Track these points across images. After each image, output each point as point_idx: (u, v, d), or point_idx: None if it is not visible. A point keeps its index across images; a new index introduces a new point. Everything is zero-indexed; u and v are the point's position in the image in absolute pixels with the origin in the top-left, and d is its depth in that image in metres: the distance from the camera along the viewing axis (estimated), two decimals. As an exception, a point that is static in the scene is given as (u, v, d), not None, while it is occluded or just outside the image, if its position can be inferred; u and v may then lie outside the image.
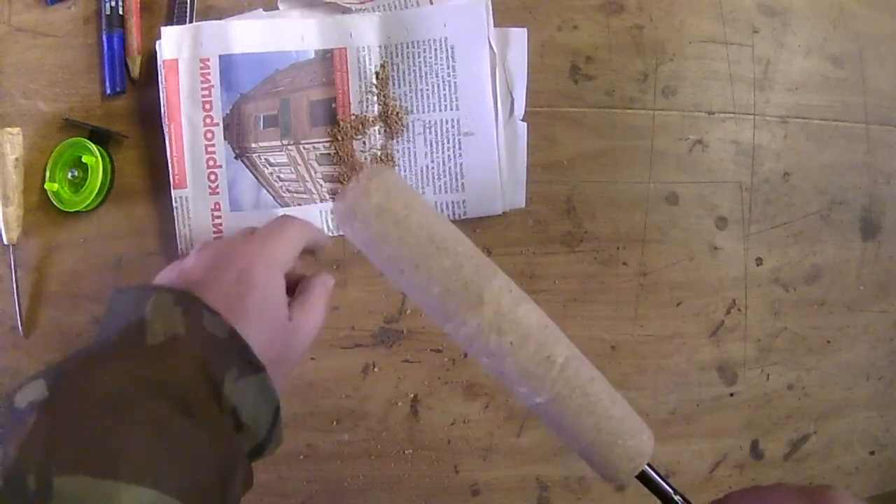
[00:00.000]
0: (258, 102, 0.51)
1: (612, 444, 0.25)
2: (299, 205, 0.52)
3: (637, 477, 0.26)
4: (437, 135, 0.52)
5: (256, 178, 0.51)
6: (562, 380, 0.23)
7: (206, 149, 0.50)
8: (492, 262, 0.23)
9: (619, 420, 0.25)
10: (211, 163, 0.50)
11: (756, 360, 0.55)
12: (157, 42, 0.50)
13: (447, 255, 0.22)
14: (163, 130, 0.50)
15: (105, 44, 0.50)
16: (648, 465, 0.26)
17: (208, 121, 0.50)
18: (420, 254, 0.21)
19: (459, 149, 0.52)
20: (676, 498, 0.26)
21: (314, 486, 0.51)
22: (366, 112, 0.51)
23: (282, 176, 0.51)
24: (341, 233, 0.23)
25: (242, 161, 0.51)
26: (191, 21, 0.51)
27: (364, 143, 0.52)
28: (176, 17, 0.51)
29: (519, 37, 0.52)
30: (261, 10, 0.51)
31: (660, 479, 0.26)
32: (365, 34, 0.51)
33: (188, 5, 0.51)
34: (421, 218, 0.22)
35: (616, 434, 0.25)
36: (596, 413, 0.24)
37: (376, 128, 0.52)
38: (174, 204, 0.50)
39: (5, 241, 0.50)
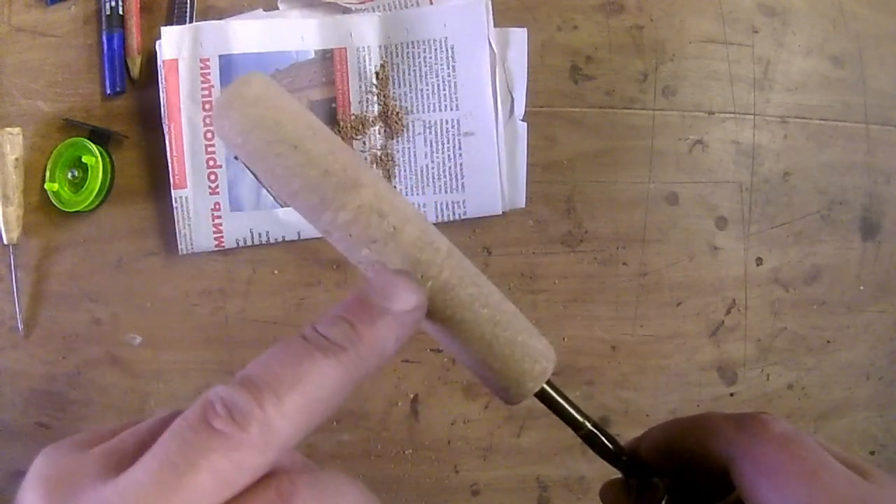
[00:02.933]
0: (258, 102, 0.51)
1: (512, 340, 0.22)
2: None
3: (537, 396, 0.23)
4: (437, 135, 0.52)
5: (256, 178, 0.51)
6: (449, 266, 0.22)
7: (206, 149, 0.50)
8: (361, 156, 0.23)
9: (514, 314, 0.23)
10: (211, 163, 0.50)
11: (756, 360, 0.55)
12: (157, 42, 0.50)
13: (324, 139, 0.21)
14: (163, 130, 0.50)
15: (105, 44, 0.50)
16: (549, 383, 0.23)
17: (208, 121, 0.50)
18: (298, 135, 0.21)
19: (459, 149, 0.52)
20: (588, 424, 0.24)
21: (314, 486, 0.51)
22: (366, 112, 0.51)
23: (282, 176, 0.51)
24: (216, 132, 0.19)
25: (242, 161, 0.51)
26: (191, 21, 0.51)
27: (364, 143, 0.52)
28: (176, 17, 0.51)
29: (519, 37, 0.52)
30: (261, 10, 0.51)
31: (563, 401, 0.24)
32: (365, 34, 0.51)
33: (188, 5, 0.51)
34: (297, 107, 0.21)
35: (515, 330, 0.22)
36: (490, 305, 0.22)
37: (376, 128, 0.52)
38: (174, 204, 0.50)
39: (5, 241, 0.50)
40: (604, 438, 0.24)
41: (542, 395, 0.23)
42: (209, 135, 0.50)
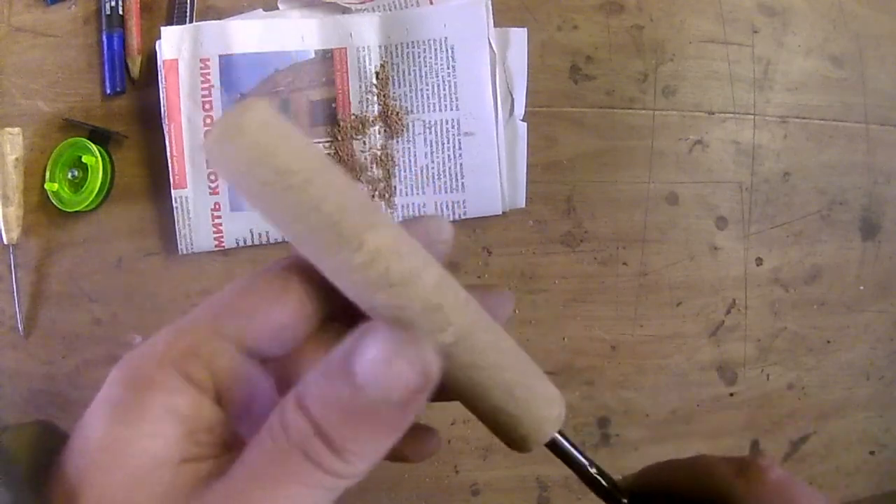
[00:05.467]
0: (258, 102, 0.51)
1: (531, 386, 0.22)
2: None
3: (546, 445, 0.23)
4: (437, 135, 0.52)
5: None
6: (470, 311, 0.21)
7: (206, 149, 0.50)
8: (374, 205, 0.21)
9: (527, 360, 0.22)
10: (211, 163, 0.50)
11: (756, 360, 0.55)
12: (157, 42, 0.50)
13: (333, 175, 0.19)
14: (163, 130, 0.50)
15: (105, 44, 0.50)
16: (559, 432, 0.23)
17: (208, 121, 0.50)
18: (311, 170, 0.19)
19: (459, 149, 0.52)
20: (592, 469, 0.24)
21: (314, 486, 0.51)
22: (366, 112, 0.51)
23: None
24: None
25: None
26: (191, 21, 0.51)
27: (364, 143, 0.52)
28: (176, 17, 0.51)
29: (519, 37, 0.52)
30: (261, 10, 0.51)
31: (570, 447, 0.23)
32: (365, 34, 0.51)
33: (188, 5, 0.51)
34: (301, 139, 0.19)
35: (532, 375, 0.22)
36: (506, 350, 0.21)
37: (376, 128, 0.52)
38: (174, 204, 0.50)
39: (5, 241, 0.50)
40: (605, 483, 0.24)
41: (552, 442, 0.23)
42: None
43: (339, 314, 0.21)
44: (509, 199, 0.52)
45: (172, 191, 0.50)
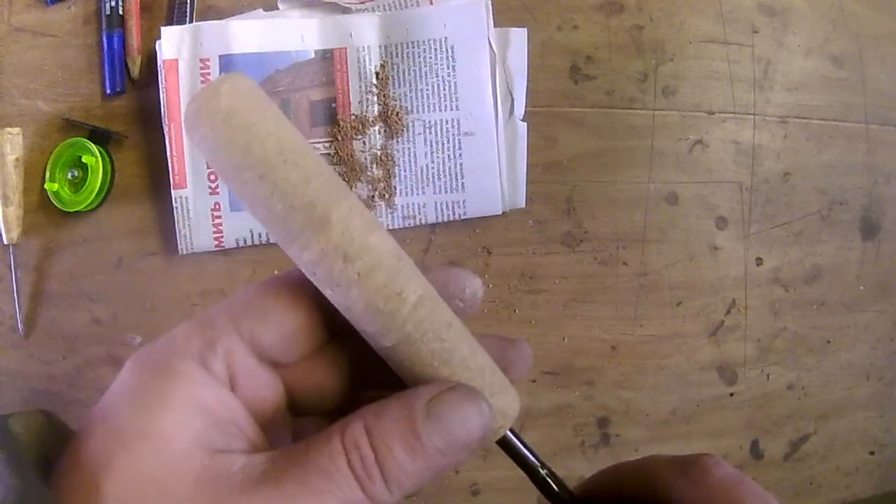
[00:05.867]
0: (258, 102, 0.51)
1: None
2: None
3: (498, 443, 0.23)
4: (437, 135, 0.52)
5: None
6: (413, 320, 0.20)
7: (206, 149, 0.50)
8: (345, 184, 0.21)
9: (478, 372, 0.22)
10: (211, 163, 0.50)
11: (756, 360, 0.55)
12: (157, 42, 0.50)
13: (295, 168, 0.19)
14: (163, 130, 0.50)
15: (105, 44, 0.50)
16: (511, 430, 0.23)
17: (208, 121, 0.50)
18: (265, 164, 0.19)
19: (459, 149, 0.52)
20: (543, 471, 0.24)
21: (314, 486, 0.51)
22: (366, 112, 0.51)
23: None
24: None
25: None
26: (191, 21, 0.51)
27: (364, 143, 0.52)
28: (176, 17, 0.51)
29: (519, 37, 0.52)
30: (261, 10, 0.51)
31: (523, 447, 0.24)
32: (365, 34, 0.51)
33: (188, 5, 0.51)
34: (272, 125, 0.19)
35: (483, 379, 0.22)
36: (451, 363, 0.21)
37: (376, 128, 0.52)
38: (174, 204, 0.50)
39: (5, 241, 0.50)
40: (555, 486, 0.24)
41: (503, 439, 0.23)
42: (209, 135, 0.50)
43: (343, 331, 0.21)
44: (509, 199, 0.52)
45: (172, 191, 0.50)
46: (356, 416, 0.19)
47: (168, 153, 0.50)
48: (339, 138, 0.51)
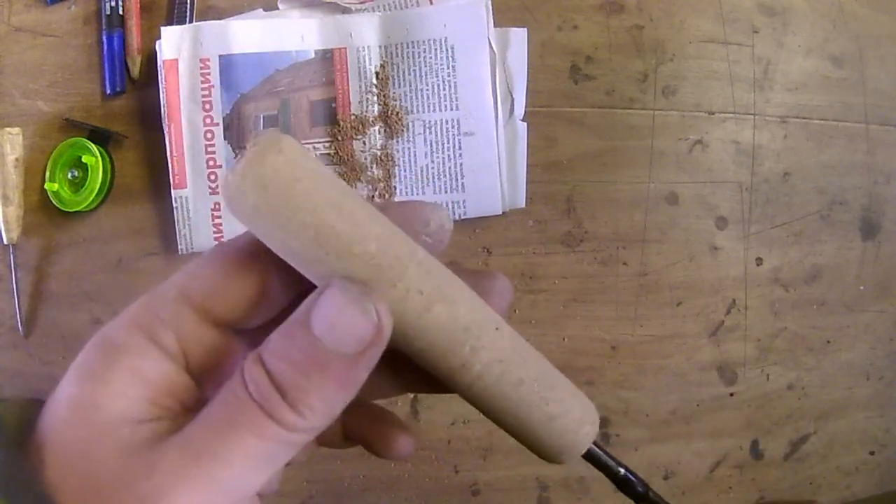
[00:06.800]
0: (258, 102, 0.51)
1: (554, 416, 0.22)
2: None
3: (583, 456, 0.23)
4: (437, 135, 0.52)
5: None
6: (478, 387, 0.21)
7: (206, 149, 0.50)
8: (404, 245, 0.20)
9: (554, 387, 0.22)
10: (211, 163, 0.50)
11: (756, 360, 0.55)
12: (157, 42, 0.50)
13: (356, 221, 0.19)
14: (163, 130, 0.50)
15: (105, 44, 0.50)
16: (595, 443, 0.23)
17: (208, 121, 0.50)
18: (306, 257, 0.18)
19: (459, 149, 0.52)
20: (621, 471, 0.24)
21: (314, 486, 0.51)
22: (366, 112, 0.52)
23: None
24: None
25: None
26: (191, 21, 0.51)
27: (364, 143, 0.52)
28: (176, 17, 0.51)
29: (519, 37, 0.52)
30: (261, 10, 0.51)
31: (602, 454, 0.24)
32: (365, 34, 0.51)
33: (188, 5, 0.51)
34: (322, 179, 0.18)
35: (558, 406, 0.22)
36: (531, 381, 0.22)
37: (376, 128, 0.52)
38: (174, 204, 0.50)
39: (5, 241, 0.50)
40: (637, 484, 0.24)
41: (587, 452, 0.24)
42: (209, 135, 0.50)
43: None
44: (509, 199, 0.52)
45: (172, 191, 0.50)
46: (254, 350, 0.19)
47: (168, 153, 0.50)
48: (339, 138, 0.51)
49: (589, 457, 0.24)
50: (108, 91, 0.51)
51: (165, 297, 0.20)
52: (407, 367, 0.21)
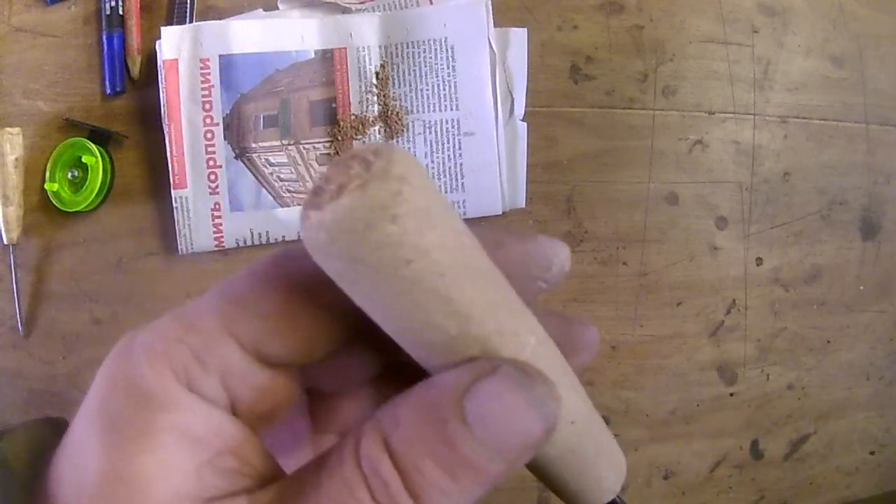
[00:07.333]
0: (258, 102, 0.51)
1: (597, 475, 0.21)
2: (299, 205, 0.52)
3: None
4: (437, 135, 0.52)
5: (256, 178, 0.51)
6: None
7: (206, 149, 0.50)
8: (519, 310, 0.16)
9: (600, 433, 0.21)
10: (211, 163, 0.50)
11: (756, 360, 0.55)
12: (157, 42, 0.50)
13: (478, 280, 0.15)
14: (163, 130, 0.50)
15: (105, 44, 0.50)
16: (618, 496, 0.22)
17: (208, 121, 0.50)
18: (417, 317, 0.14)
19: (459, 149, 0.52)
20: None
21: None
22: (366, 112, 0.52)
23: (282, 176, 0.51)
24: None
25: (242, 161, 0.51)
26: (191, 21, 0.51)
27: (364, 143, 0.52)
28: (176, 17, 0.51)
29: (519, 37, 0.52)
30: (261, 10, 0.51)
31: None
32: (365, 34, 0.51)
33: (188, 5, 0.51)
34: (446, 222, 0.14)
35: (601, 451, 0.21)
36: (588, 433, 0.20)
37: (376, 128, 0.52)
38: (174, 204, 0.50)
39: (5, 241, 0.50)
40: None
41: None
42: (209, 135, 0.50)
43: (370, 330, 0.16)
44: (509, 199, 0.52)
45: (172, 191, 0.50)
46: (371, 422, 0.14)
47: (168, 153, 0.50)
48: (339, 138, 0.51)
49: None
50: (108, 91, 0.51)
51: (204, 329, 0.15)
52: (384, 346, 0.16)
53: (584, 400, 0.18)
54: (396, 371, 0.17)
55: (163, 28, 0.49)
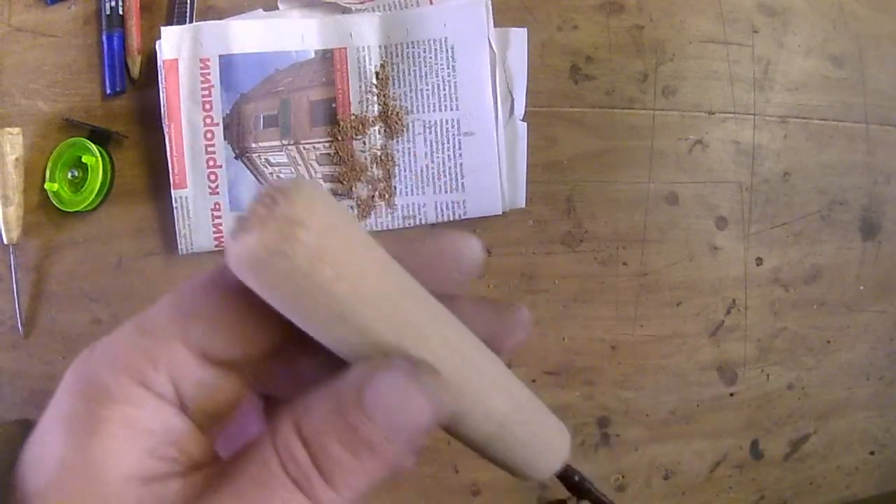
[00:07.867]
0: (258, 102, 0.51)
1: (527, 443, 0.22)
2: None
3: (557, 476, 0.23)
4: (437, 135, 0.52)
5: (256, 178, 0.51)
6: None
7: (206, 149, 0.50)
8: (433, 310, 0.18)
9: (533, 411, 0.22)
10: (211, 163, 0.50)
11: (756, 360, 0.55)
12: (157, 42, 0.50)
13: (357, 330, 0.17)
14: (163, 130, 0.50)
15: (105, 44, 0.50)
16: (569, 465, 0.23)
17: (208, 121, 0.50)
18: (326, 331, 0.17)
19: (459, 149, 0.52)
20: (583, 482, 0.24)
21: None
22: (366, 112, 0.51)
23: (282, 176, 0.51)
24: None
25: (242, 161, 0.51)
26: (191, 21, 0.51)
27: (364, 143, 0.52)
28: (176, 17, 0.51)
29: (519, 37, 0.52)
30: (261, 10, 0.51)
31: (575, 477, 0.24)
32: (365, 34, 0.51)
33: (188, 5, 0.51)
34: (355, 240, 0.16)
35: (535, 432, 0.22)
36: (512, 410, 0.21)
37: (376, 128, 0.52)
38: (174, 204, 0.50)
39: (5, 241, 0.50)
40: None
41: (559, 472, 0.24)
42: (209, 135, 0.50)
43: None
44: (509, 199, 0.52)
45: (172, 191, 0.50)
46: (286, 412, 0.17)
47: (168, 153, 0.50)
48: (339, 138, 0.51)
49: (560, 476, 0.24)
50: (108, 91, 0.51)
51: (158, 334, 0.18)
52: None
53: (509, 388, 0.21)
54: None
55: (163, 28, 0.49)
